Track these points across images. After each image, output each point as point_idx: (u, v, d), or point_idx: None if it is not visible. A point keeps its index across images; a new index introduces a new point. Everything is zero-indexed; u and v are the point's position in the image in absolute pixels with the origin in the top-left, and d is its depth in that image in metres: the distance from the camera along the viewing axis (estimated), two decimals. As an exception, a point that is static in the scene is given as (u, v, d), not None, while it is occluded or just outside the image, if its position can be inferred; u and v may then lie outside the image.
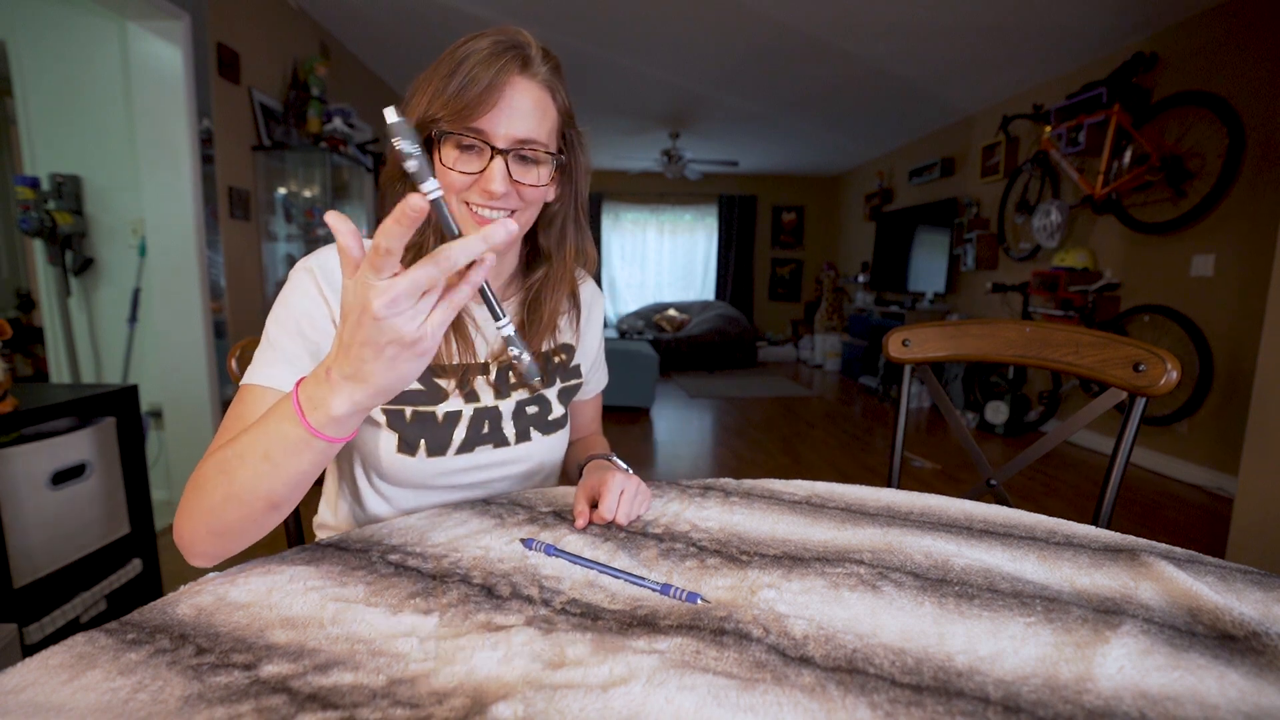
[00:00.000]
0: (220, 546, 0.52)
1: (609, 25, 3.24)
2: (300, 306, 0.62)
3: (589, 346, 0.85)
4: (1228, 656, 0.40)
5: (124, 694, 0.35)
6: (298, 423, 0.46)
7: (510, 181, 0.61)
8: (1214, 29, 2.89)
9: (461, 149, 0.60)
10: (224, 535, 0.51)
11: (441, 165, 0.61)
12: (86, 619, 1.36)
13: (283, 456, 0.47)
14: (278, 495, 0.49)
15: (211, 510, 0.50)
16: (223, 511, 0.50)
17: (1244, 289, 2.74)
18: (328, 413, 0.45)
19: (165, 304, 2.32)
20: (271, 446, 0.48)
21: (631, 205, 7.61)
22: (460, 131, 0.59)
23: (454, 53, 0.60)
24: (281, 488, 0.49)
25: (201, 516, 0.51)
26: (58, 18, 2.21)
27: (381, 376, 0.44)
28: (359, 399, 0.45)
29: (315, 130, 2.84)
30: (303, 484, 0.50)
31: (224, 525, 0.51)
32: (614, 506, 0.62)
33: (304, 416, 0.46)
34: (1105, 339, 0.82)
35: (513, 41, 0.60)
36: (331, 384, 0.45)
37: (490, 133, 0.60)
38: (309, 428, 0.46)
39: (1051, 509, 2.53)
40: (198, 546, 0.52)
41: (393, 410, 0.67)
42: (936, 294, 5.04)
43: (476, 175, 0.61)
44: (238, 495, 0.49)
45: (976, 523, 0.63)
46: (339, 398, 0.45)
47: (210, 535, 0.51)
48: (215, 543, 0.52)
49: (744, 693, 0.36)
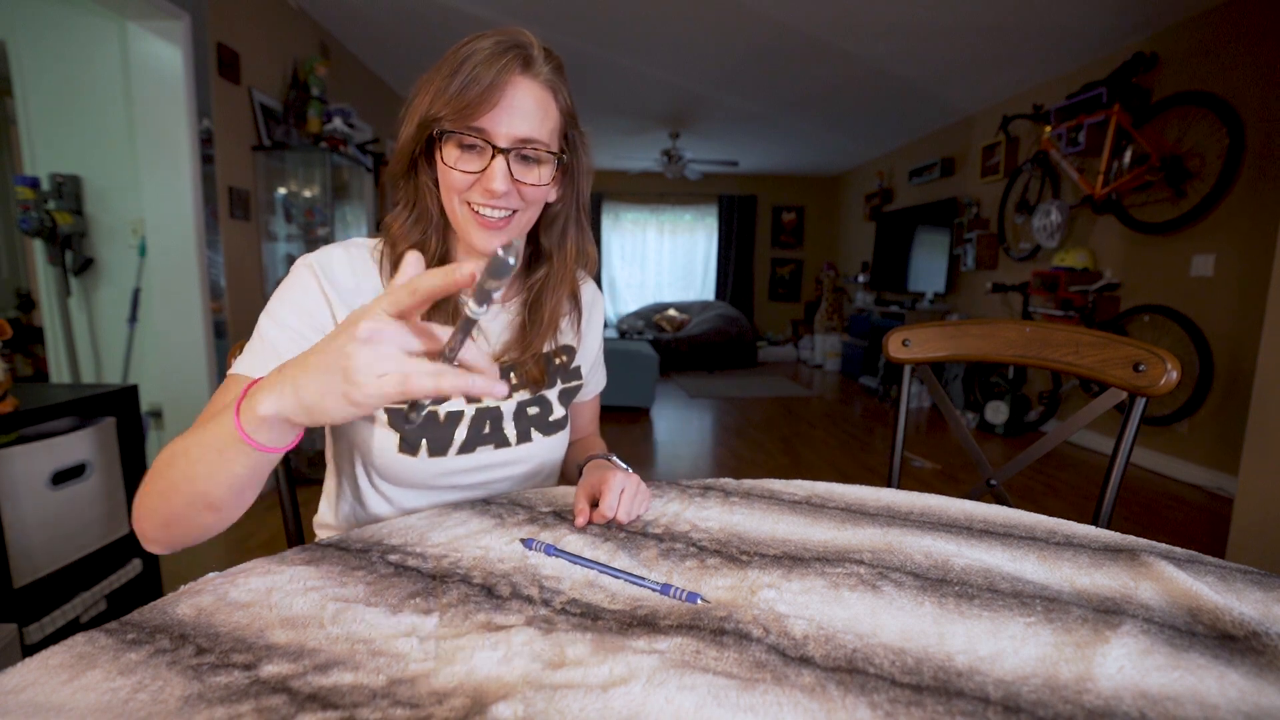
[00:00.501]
0: (170, 535, 0.51)
1: (609, 25, 3.24)
2: (297, 301, 0.62)
3: (589, 348, 0.85)
4: (1228, 656, 0.40)
5: (124, 694, 0.35)
6: (233, 421, 0.45)
7: (511, 180, 0.61)
8: (1214, 29, 2.89)
9: (463, 148, 0.61)
10: (170, 526, 0.51)
11: (443, 164, 0.62)
12: (86, 619, 1.36)
13: (217, 455, 0.46)
14: (213, 496, 0.48)
15: (159, 498, 0.50)
16: (168, 501, 0.49)
17: (1244, 289, 2.74)
18: (254, 411, 0.43)
19: (165, 304, 2.32)
20: (209, 445, 0.46)
21: (631, 205, 7.61)
22: (462, 130, 0.60)
23: (457, 52, 0.60)
24: (215, 488, 0.47)
25: (150, 505, 0.50)
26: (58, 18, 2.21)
27: (310, 390, 0.41)
28: (284, 405, 0.42)
29: (315, 130, 2.84)
30: (239, 490, 0.48)
31: (169, 516, 0.50)
32: (615, 504, 0.62)
33: (238, 413, 0.44)
34: (1105, 339, 0.82)
35: (515, 41, 0.60)
36: (274, 381, 0.43)
37: (492, 132, 0.60)
38: (239, 427, 0.44)
39: (1051, 509, 2.53)
40: (149, 533, 0.52)
41: (395, 409, 0.67)
42: (936, 294, 5.04)
43: (478, 174, 0.61)
44: (179, 487, 0.48)
45: (976, 523, 0.63)
46: (270, 397, 0.43)
47: (161, 525, 0.51)
48: (165, 531, 0.51)
49: (744, 693, 0.36)
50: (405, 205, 0.68)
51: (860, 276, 6.34)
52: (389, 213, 0.70)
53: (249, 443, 0.44)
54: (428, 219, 0.67)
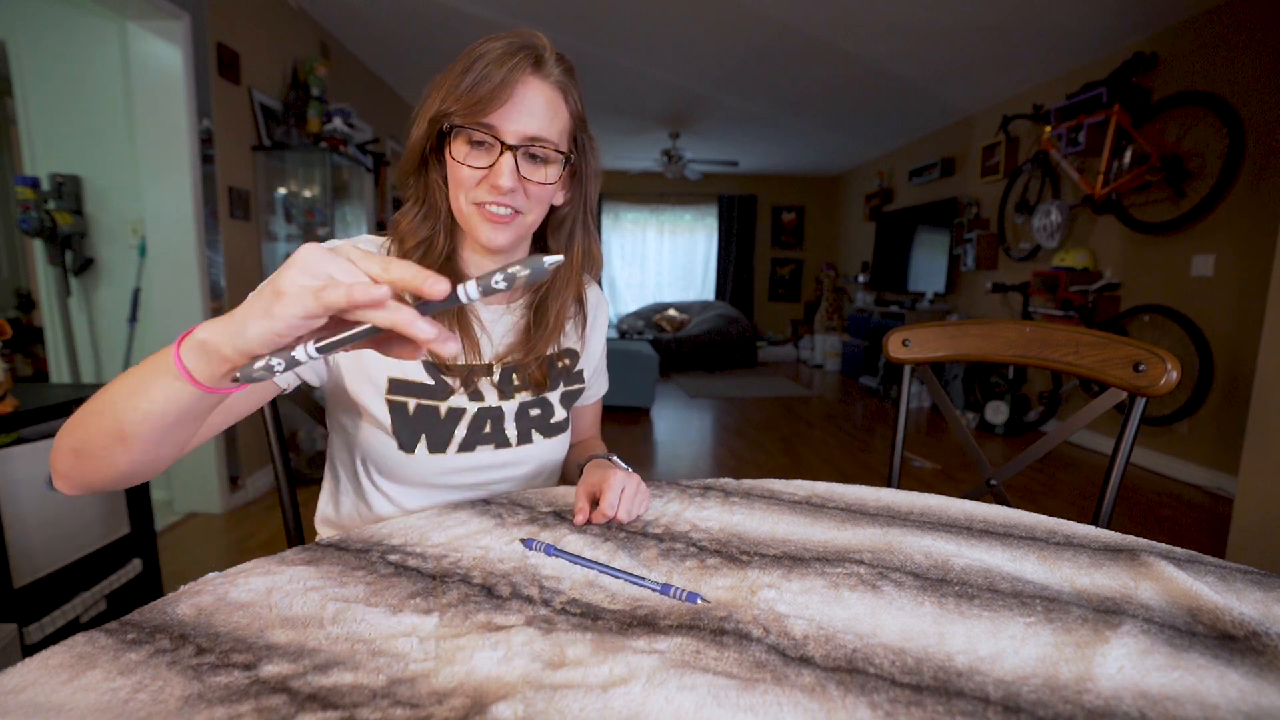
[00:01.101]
0: (77, 468, 0.49)
1: (609, 25, 3.24)
2: None
3: (593, 351, 0.85)
4: (1228, 656, 0.40)
5: (124, 694, 0.35)
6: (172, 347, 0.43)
7: (518, 178, 0.62)
8: (1214, 29, 2.89)
9: (472, 144, 0.62)
10: (80, 455, 0.48)
11: (452, 159, 0.62)
12: (86, 619, 1.36)
13: (149, 380, 0.44)
14: (128, 424, 0.45)
15: (78, 423, 0.48)
16: (84, 423, 0.47)
17: (1244, 289, 2.74)
18: (196, 333, 0.41)
19: (165, 304, 2.32)
20: (144, 369, 0.44)
21: (631, 205, 7.61)
22: (471, 126, 0.60)
23: (470, 52, 0.61)
24: (133, 414, 0.44)
25: (70, 429, 0.48)
26: (58, 18, 2.21)
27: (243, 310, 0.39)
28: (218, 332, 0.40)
29: (315, 130, 2.84)
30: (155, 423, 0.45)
31: (81, 441, 0.47)
32: (615, 503, 0.62)
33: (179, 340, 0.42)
34: (1105, 339, 0.82)
35: (527, 42, 0.61)
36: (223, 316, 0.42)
37: (500, 129, 0.61)
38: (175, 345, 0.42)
39: (1051, 509, 2.53)
40: (58, 462, 0.49)
41: (396, 402, 0.67)
42: (936, 294, 5.04)
43: (485, 170, 0.61)
44: (100, 411, 0.46)
45: (976, 523, 0.63)
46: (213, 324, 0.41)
47: (70, 452, 0.48)
48: (73, 461, 0.49)
49: (744, 693, 0.36)
50: (415, 202, 0.69)
51: (860, 276, 6.34)
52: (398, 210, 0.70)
53: (176, 364, 0.42)
54: (436, 215, 0.68)
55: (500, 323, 0.74)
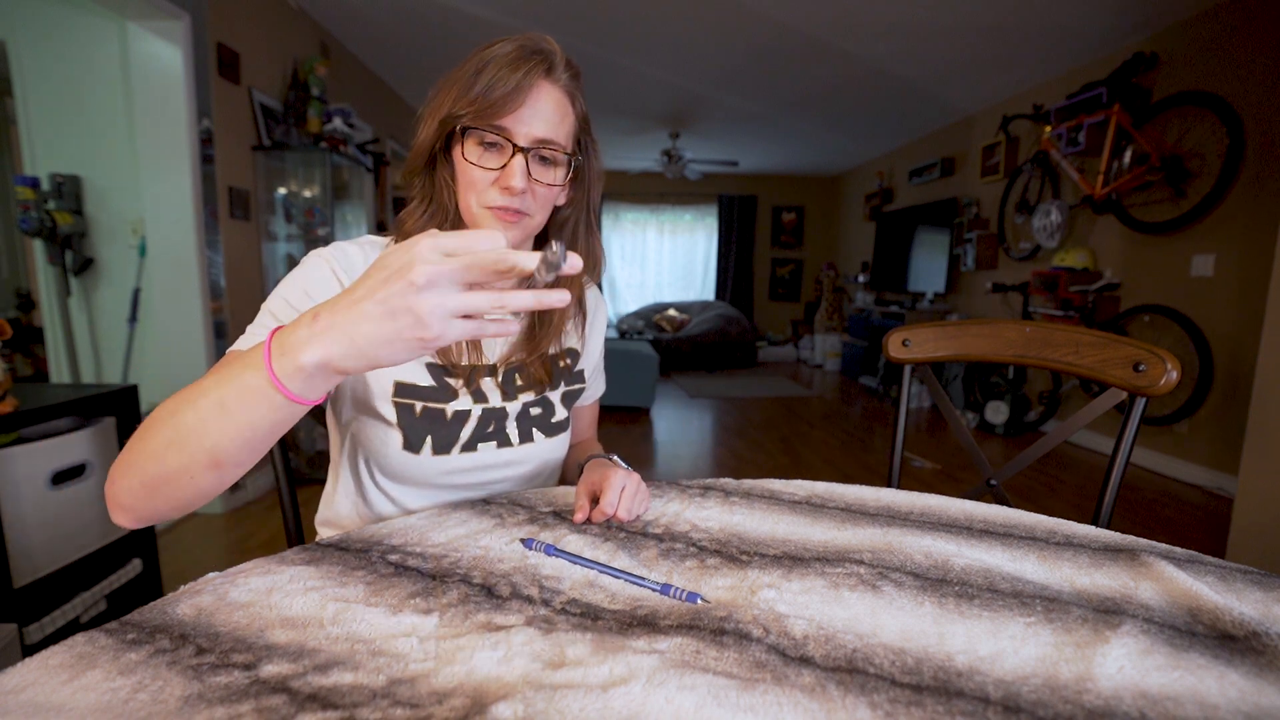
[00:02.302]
0: (150, 503, 0.47)
1: (609, 25, 3.24)
2: (306, 283, 0.63)
3: (592, 351, 0.86)
4: (1228, 656, 0.40)
5: (124, 694, 0.35)
6: (262, 369, 0.42)
7: (528, 179, 0.63)
8: (1214, 29, 2.89)
9: (484, 146, 0.62)
10: (157, 490, 0.46)
11: (464, 160, 0.63)
12: (86, 619, 1.36)
13: (237, 404, 0.43)
14: (222, 450, 0.45)
15: (150, 456, 0.45)
16: (161, 458, 0.45)
17: (1244, 289, 2.74)
18: (295, 361, 0.42)
19: (165, 304, 2.33)
20: (229, 393, 0.44)
21: (631, 205, 7.61)
22: (485, 128, 0.61)
23: (481, 54, 0.62)
24: (228, 443, 0.44)
25: (138, 463, 0.46)
26: (58, 18, 2.21)
27: (370, 341, 0.41)
28: (333, 353, 0.41)
29: (315, 130, 2.84)
30: (252, 445, 0.45)
31: (159, 476, 0.46)
32: (615, 502, 0.62)
33: (270, 362, 0.42)
34: (1105, 339, 0.82)
35: (538, 47, 0.62)
36: (313, 330, 0.42)
37: (513, 131, 0.62)
38: (271, 376, 0.42)
39: (1051, 509, 2.53)
40: (124, 498, 0.47)
41: (402, 405, 0.67)
42: (936, 294, 5.04)
43: (497, 171, 0.62)
44: (181, 441, 0.45)
45: (976, 523, 0.63)
46: (313, 347, 0.41)
47: (142, 487, 0.46)
48: (146, 498, 0.47)
49: (744, 693, 0.36)
50: (421, 200, 0.69)
51: (860, 276, 6.34)
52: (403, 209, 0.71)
53: (281, 391, 0.42)
54: (444, 215, 0.68)
55: None
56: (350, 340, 0.41)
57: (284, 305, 0.61)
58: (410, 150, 0.69)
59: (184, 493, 0.47)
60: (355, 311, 0.41)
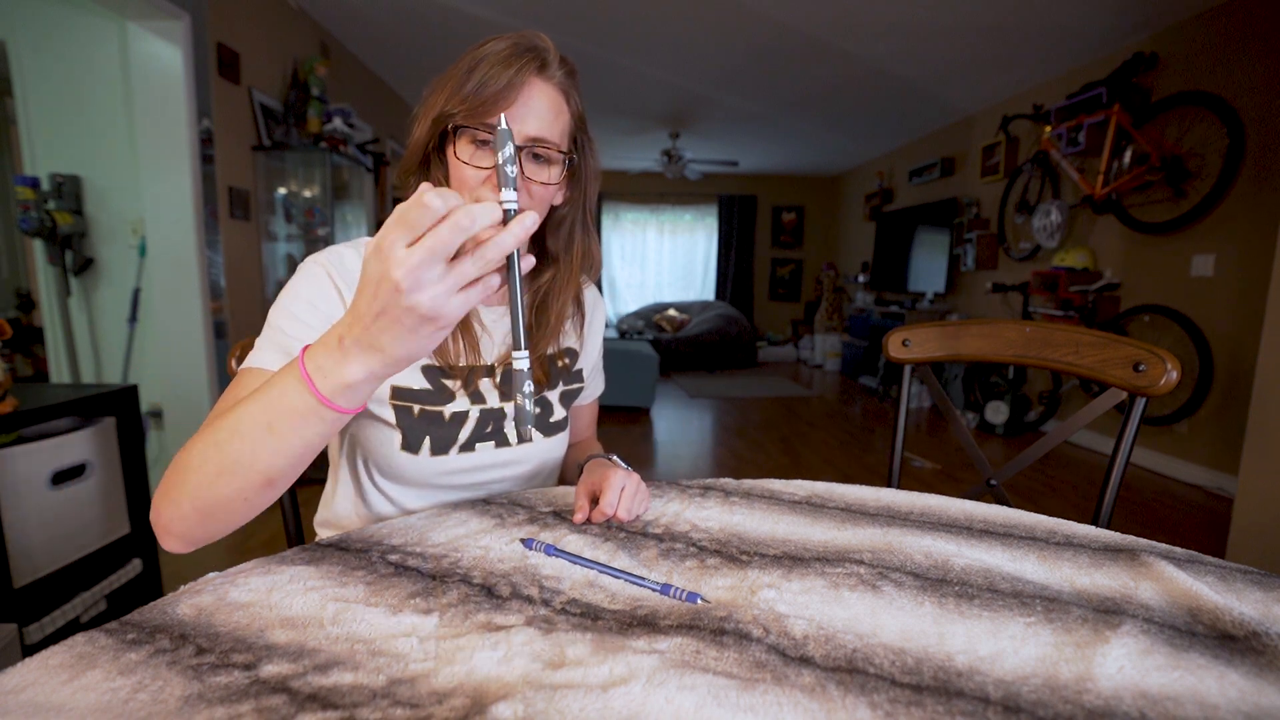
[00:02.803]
0: (205, 528, 0.50)
1: (609, 25, 3.24)
2: (309, 294, 0.63)
3: (591, 351, 0.85)
4: (1228, 656, 0.40)
5: (124, 694, 0.35)
6: (306, 391, 0.45)
7: (522, 178, 0.62)
8: (1214, 29, 2.89)
9: (477, 144, 0.62)
10: (211, 515, 0.49)
11: (456, 159, 0.62)
12: (86, 619, 1.36)
13: (287, 427, 0.46)
14: (276, 470, 0.48)
15: (202, 486, 0.48)
16: (214, 487, 0.47)
17: (1244, 289, 2.74)
18: (341, 379, 0.44)
19: (165, 304, 2.33)
20: (275, 417, 0.46)
21: (631, 205, 7.61)
22: (476, 126, 0.60)
23: (474, 53, 0.61)
24: (282, 461, 0.47)
25: (188, 494, 0.48)
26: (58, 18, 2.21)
27: (399, 347, 0.43)
28: (374, 367, 0.44)
29: (315, 130, 2.84)
30: (304, 459, 0.49)
31: (214, 502, 0.48)
32: (615, 502, 0.62)
33: (313, 385, 0.45)
34: (1105, 339, 0.82)
35: (531, 44, 0.62)
36: (345, 351, 0.44)
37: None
38: (319, 396, 0.45)
39: (1051, 509, 2.52)
40: (177, 527, 0.49)
41: (400, 407, 0.67)
42: (936, 294, 5.04)
43: (490, 170, 0.61)
44: (232, 469, 0.47)
45: (976, 523, 0.63)
46: (353, 365, 0.44)
47: (196, 514, 0.49)
48: (200, 523, 0.49)
49: (744, 693, 0.36)
50: None
51: (860, 276, 6.34)
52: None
53: (333, 408, 0.45)
54: None
55: (501, 324, 0.74)
56: (378, 351, 0.44)
57: (289, 318, 0.61)
58: (405, 151, 0.68)
59: (238, 513, 0.50)
60: (371, 328, 0.43)
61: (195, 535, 0.51)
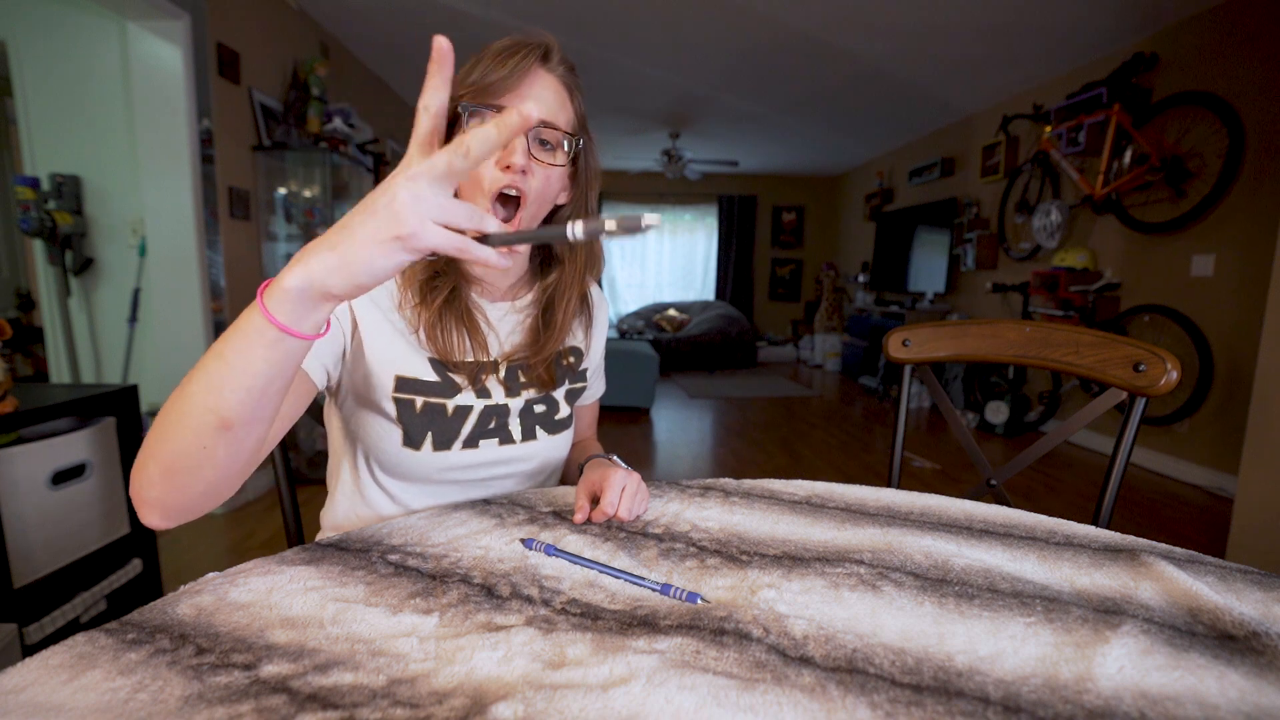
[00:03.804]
0: (172, 491, 0.47)
1: (609, 25, 3.24)
2: None
3: (595, 351, 0.86)
4: (1228, 656, 0.40)
5: (124, 694, 0.35)
6: (255, 309, 0.43)
7: (529, 157, 0.63)
8: (1214, 29, 2.89)
9: None
10: (175, 473, 0.46)
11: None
12: (86, 619, 1.36)
13: (235, 352, 0.43)
14: (228, 407, 0.44)
15: (163, 439, 0.45)
16: (174, 436, 0.45)
17: (1244, 289, 2.74)
18: (281, 285, 0.42)
19: (165, 304, 2.33)
20: (227, 344, 0.44)
21: (631, 205, 7.61)
22: (485, 106, 0.62)
23: (479, 50, 0.64)
24: (231, 396, 0.44)
25: (153, 451, 0.46)
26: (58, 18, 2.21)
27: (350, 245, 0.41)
28: (314, 270, 0.41)
29: (315, 130, 2.84)
30: (256, 395, 0.45)
31: (174, 456, 0.45)
32: (616, 501, 0.62)
33: (261, 299, 0.43)
34: (1105, 339, 0.82)
35: (533, 39, 0.64)
36: (298, 257, 0.42)
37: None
38: (262, 309, 0.42)
39: (1051, 509, 2.53)
40: (147, 492, 0.47)
41: (404, 400, 0.67)
42: (936, 294, 5.04)
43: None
44: (188, 410, 0.44)
45: (976, 523, 0.63)
46: (296, 269, 0.42)
47: (161, 476, 0.46)
48: (167, 485, 0.46)
49: (744, 693, 0.36)
50: None
51: (860, 276, 6.34)
52: None
53: (273, 322, 0.42)
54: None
55: (506, 320, 0.75)
56: (330, 250, 0.41)
57: None
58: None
59: (202, 469, 0.46)
60: (338, 226, 0.42)
61: (168, 503, 0.48)
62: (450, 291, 0.69)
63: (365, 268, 0.41)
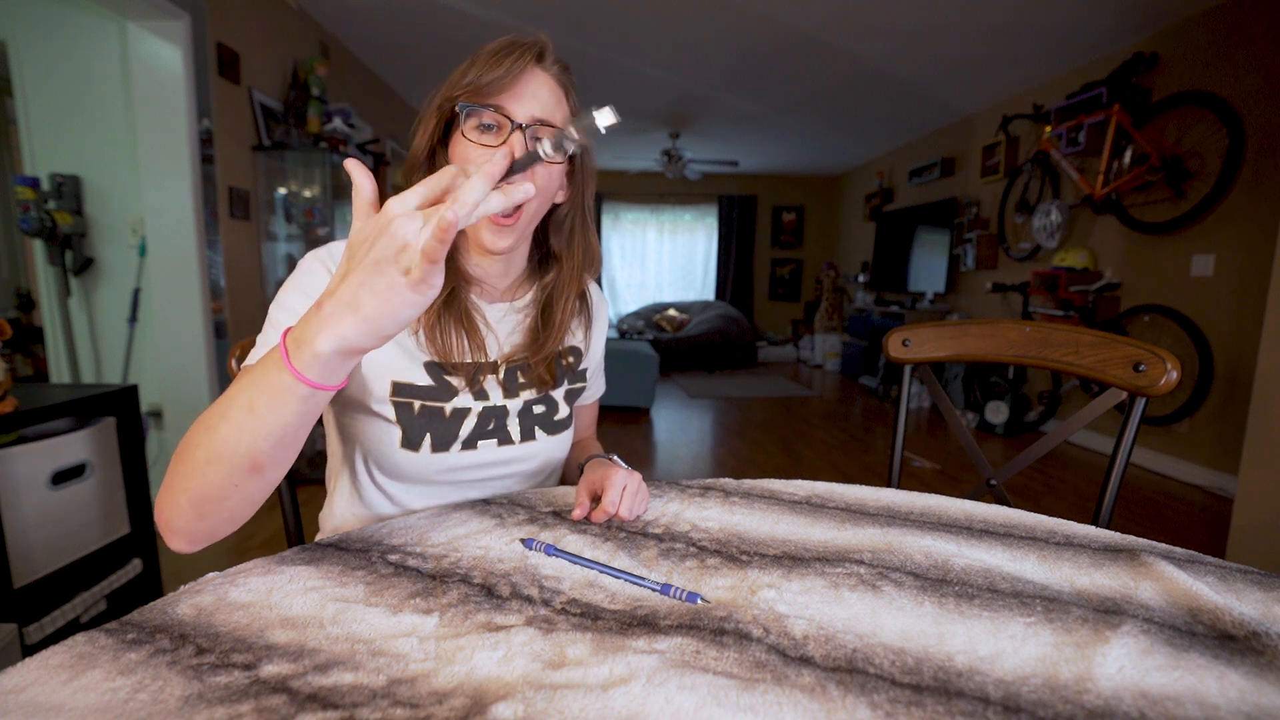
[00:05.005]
0: (200, 521, 0.49)
1: (609, 25, 3.24)
2: (308, 289, 0.63)
3: (594, 350, 0.86)
4: (1228, 656, 0.40)
5: (124, 694, 0.35)
6: (282, 366, 0.44)
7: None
8: (1214, 29, 2.89)
9: (482, 129, 0.64)
10: (204, 505, 0.48)
11: (463, 139, 0.64)
12: (86, 619, 1.36)
13: (266, 406, 0.45)
14: (259, 453, 0.46)
15: (192, 474, 0.47)
16: (204, 474, 0.47)
17: (1244, 289, 2.74)
18: (312, 349, 0.43)
19: (165, 304, 2.32)
20: (256, 396, 0.45)
21: (631, 205, 7.61)
22: (483, 106, 0.63)
23: (474, 52, 0.64)
24: (264, 443, 0.46)
25: (182, 484, 0.48)
26: (58, 18, 2.21)
27: (375, 302, 0.42)
28: (345, 331, 0.43)
29: (315, 130, 2.84)
30: (287, 441, 0.47)
31: (204, 491, 0.47)
32: (617, 500, 0.62)
33: (288, 359, 0.44)
34: (1105, 339, 0.82)
35: (528, 39, 0.65)
36: (320, 318, 0.43)
37: (510, 109, 0.63)
38: (292, 370, 0.44)
39: (1051, 509, 2.52)
40: (176, 522, 0.49)
41: (401, 403, 0.67)
42: (936, 294, 5.04)
43: (496, 148, 0.63)
44: (219, 453, 0.46)
45: (976, 523, 0.63)
46: (325, 333, 0.43)
47: (190, 507, 0.48)
48: (195, 516, 0.48)
49: (744, 693, 0.36)
50: None
51: (860, 276, 6.34)
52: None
53: (305, 383, 0.44)
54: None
55: (505, 321, 0.75)
56: (354, 311, 0.43)
57: (286, 312, 0.62)
58: (409, 153, 0.70)
59: (232, 504, 0.49)
60: (349, 283, 0.43)
61: (195, 531, 0.50)
62: (449, 293, 0.70)
63: (388, 319, 0.43)
